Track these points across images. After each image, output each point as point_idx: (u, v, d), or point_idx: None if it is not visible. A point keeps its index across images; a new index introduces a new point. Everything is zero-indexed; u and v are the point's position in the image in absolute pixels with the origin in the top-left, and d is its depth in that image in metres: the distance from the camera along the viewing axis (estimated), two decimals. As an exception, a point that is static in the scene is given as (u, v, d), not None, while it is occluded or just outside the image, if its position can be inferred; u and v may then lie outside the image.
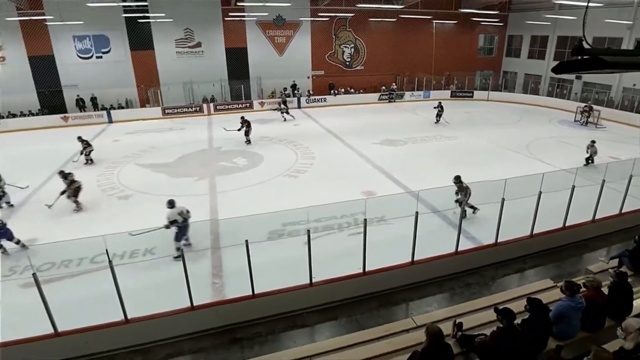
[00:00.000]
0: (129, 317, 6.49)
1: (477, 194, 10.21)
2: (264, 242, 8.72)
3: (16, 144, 20.91)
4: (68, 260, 9.09)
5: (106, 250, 6.22)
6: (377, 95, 30.46)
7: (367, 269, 7.60)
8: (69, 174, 12.33)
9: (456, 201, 10.57)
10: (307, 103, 28.98)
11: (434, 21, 31.54)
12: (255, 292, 7.01)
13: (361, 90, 31.09)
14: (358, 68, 31.69)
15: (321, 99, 29.41)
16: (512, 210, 8.12)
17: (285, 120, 24.24)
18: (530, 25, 30.89)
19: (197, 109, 27.03)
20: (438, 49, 32.60)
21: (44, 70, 25.74)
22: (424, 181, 12.99)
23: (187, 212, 9.33)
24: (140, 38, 26.60)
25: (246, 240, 6.58)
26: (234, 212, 10.96)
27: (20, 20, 24.04)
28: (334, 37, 30.50)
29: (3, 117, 25.06)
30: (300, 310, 7.28)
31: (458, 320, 5.50)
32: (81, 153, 16.87)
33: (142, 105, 27.36)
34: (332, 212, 10.82)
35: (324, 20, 29.47)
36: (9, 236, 9.58)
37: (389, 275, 7.79)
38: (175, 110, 26.60)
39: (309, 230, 6.98)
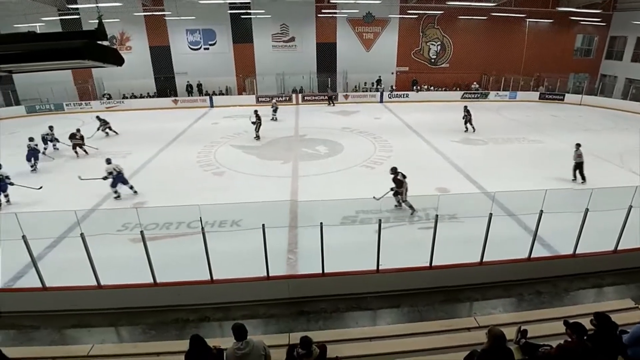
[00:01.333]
0: (214, 278, 7.00)
1: (559, 201, 9.36)
2: (337, 226, 8.82)
3: (135, 121, 23.30)
4: (169, 223, 9.98)
5: (200, 218, 6.74)
6: (460, 93, 28.96)
7: (433, 264, 7.37)
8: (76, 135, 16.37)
9: (394, 193, 10.41)
10: (389, 98, 28.44)
11: (528, 20, 29.00)
12: (325, 272, 7.15)
13: (444, 88, 29.75)
14: (443, 65, 30.31)
15: (404, 94, 28.68)
16: (595, 222, 7.32)
17: (273, 119, 22.47)
18: (637, 26, 27.11)
19: (287, 98, 27.84)
20: (529, 49, 29.98)
21: (161, 59, 28.19)
22: (501, 183, 12.17)
23: (120, 167, 12.18)
24: (241, 32, 27.92)
25: (321, 223, 6.71)
26: (312, 195, 11.23)
27: (144, 15, 26.51)
28: (421, 34, 29.43)
29: (127, 98, 28.02)
30: (365, 294, 7.29)
31: (523, 327, 5.14)
32: (98, 129, 19.64)
33: (240, 93, 28.83)
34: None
35: (413, 18, 28.52)
36: (4, 189, 11.68)
37: (456, 272, 7.49)
38: (268, 99, 27.64)
39: (380, 220, 6.93)
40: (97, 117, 20.22)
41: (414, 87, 29.44)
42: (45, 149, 17.05)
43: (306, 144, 17.60)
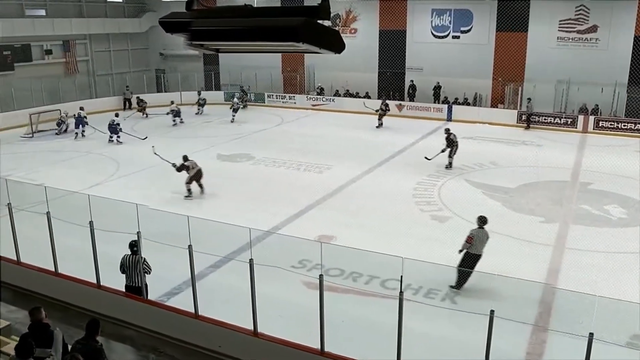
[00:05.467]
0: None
1: None
2: (620, 347, 7.74)
3: (344, 127, 25.87)
4: (358, 274, 10.65)
5: (401, 277, 6.92)
6: None
7: None
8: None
9: None
10: None
11: None
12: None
13: None
14: None
15: None
16: None
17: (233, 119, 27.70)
18: None
19: (569, 121, 26.27)
20: None
21: (391, 48, 30.77)
22: None
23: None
24: (512, 16, 27.91)
25: (591, 334, 6.01)
26: (583, 283, 10.25)
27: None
28: None
29: (339, 95, 31.39)
30: None
31: None
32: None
33: (494, 105, 28.72)
34: None
35: None
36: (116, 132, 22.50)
37: None
38: (536, 118, 26.68)
39: None
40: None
41: None
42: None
43: (589, 197, 16.20)
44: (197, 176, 15.90)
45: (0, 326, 7.92)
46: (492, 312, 6.36)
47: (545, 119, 26.61)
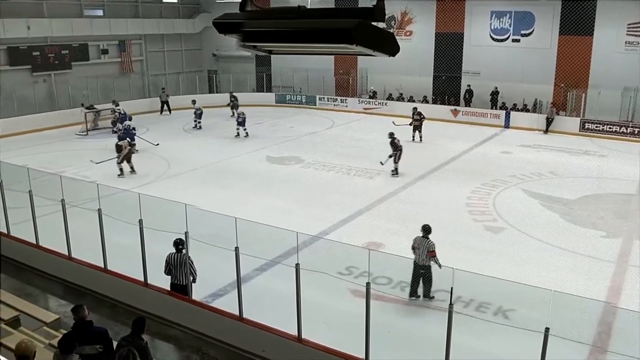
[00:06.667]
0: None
1: None
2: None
3: (395, 131, 25.54)
4: (406, 284, 10.52)
5: (451, 288, 6.83)
6: None
7: None
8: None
9: None
10: None
11: None
12: None
13: None
14: None
15: None
16: None
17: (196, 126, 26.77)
18: None
19: (636, 130, 25.37)
20: None
21: (448, 51, 30.47)
22: None
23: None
24: (577, 18, 27.13)
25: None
26: (646, 304, 9.86)
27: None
28: None
29: (392, 99, 31.32)
30: None
31: None
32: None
33: (555, 112, 28.00)
34: None
35: None
36: (132, 137, 20.36)
37: None
38: (600, 127, 25.91)
39: None
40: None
41: None
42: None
43: (658, 211, 15.60)
44: (128, 156, 18.40)
45: (49, 319, 8.27)
46: (547, 329, 6.21)
47: (610, 128, 25.77)
